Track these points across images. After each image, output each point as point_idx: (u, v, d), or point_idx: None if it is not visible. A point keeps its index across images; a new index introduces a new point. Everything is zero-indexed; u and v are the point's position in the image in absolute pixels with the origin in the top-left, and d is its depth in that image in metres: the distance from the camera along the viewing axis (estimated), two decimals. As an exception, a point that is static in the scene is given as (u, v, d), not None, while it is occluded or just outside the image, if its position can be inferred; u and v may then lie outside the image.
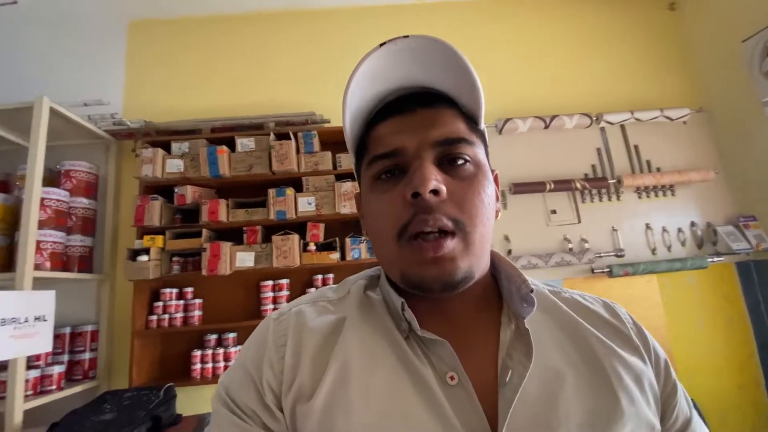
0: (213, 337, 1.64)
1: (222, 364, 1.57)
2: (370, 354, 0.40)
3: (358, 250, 1.63)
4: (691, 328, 1.79)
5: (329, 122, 1.81)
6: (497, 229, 1.82)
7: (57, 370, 1.43)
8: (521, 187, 1.79)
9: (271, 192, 1.62)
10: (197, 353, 1.57)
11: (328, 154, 1.71)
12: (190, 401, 1.51)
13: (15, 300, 1.25)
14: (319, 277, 1.71)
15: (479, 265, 0.41)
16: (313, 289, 1.67)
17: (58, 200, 1.52)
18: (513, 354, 0.40)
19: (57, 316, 1.36)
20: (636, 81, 2.07)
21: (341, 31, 2.06)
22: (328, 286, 0.52)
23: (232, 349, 1.60)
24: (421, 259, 0.38)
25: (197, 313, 1.63)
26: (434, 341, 0.40)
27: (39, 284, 1.35)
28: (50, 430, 1.20)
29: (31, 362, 1.39)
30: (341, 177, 1.70)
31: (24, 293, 1.29)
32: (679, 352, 1.75)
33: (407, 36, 0.40)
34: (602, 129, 1.96)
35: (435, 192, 0.38)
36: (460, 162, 0.41)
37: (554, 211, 1.85)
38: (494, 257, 0.47)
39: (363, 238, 1.64)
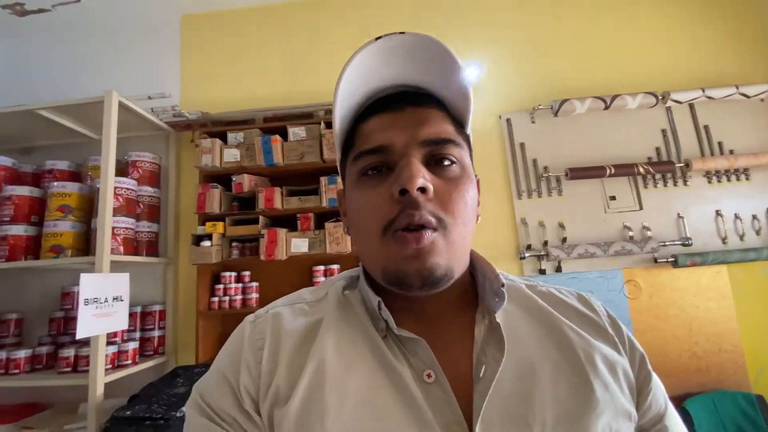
0: (269, 319, 1.71)
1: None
2: (346, 355, 0.41)
3: (408, 237, 1.63)
4: (764, 321, 1.66)
5: (377, 109, 1.80)
6: (552, 215, 1.76)
7: (131, 346, 1.55)
8: (578, 172, 1.71)
9: (323, 180, 1.65)
10: (256, 334, 1.64)
11: (378, 140, 1.71)
12: (251, 379, 1.60)
13: (96, 282, 1.36)
14: (369, 263, 1.73)
15: (459, 265, 0.41)
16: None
17: (128, 189, 1.62)
18: (486, 349, 0.41)
19: (129, 296, 1.47)
20: (707, 55, 1.90)
21: (390, 18, 2.03)
22: (305, 288, 0.51)
23: (288, 332, 1.67)
24: (403, 254, 0.38)
25: (254, 295, 1.70)
26: (411, 339, 0.40)
27: (114, 267, 1.45)
28: (131, 400, 1.31)
29: (109, 339, 1.50)
30: (391, 164, 1.69)
31: (103, 275, 1.39)
32: (750, 346, 1.64)
33: (403, 32, 0.40)
34: (668, 108, 1.83)
35: (422, 190, 0.38)
36: (447, 163, 0.41)
37: (613, 197, 1.75)
38: (472, 256, 0.48)
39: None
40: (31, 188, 1.60)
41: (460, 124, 0.45)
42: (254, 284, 1.72)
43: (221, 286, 1.68)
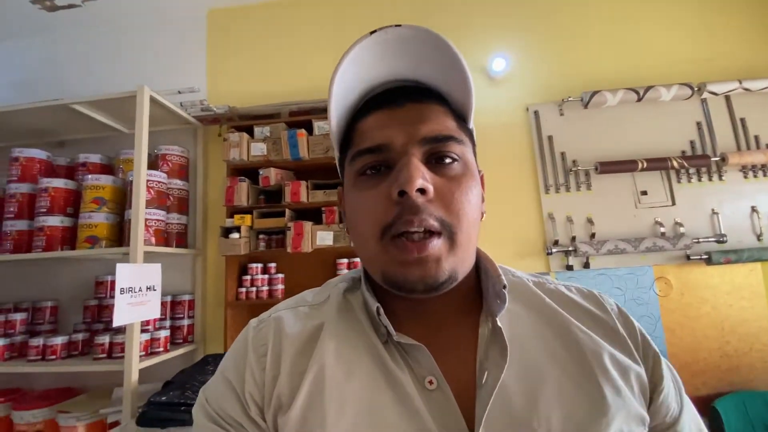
0: (295, 310, 1.73)
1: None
2: (346, 361, 0.40)
3: (434, 231, 1.63)
4: (798, 321, 1.61)
5: (402, 102, 1.79)
6: (580, 209, 1.73)
7: (163, 334, 1.59)
8: (609, 166, 1.67)
9: (348, 173, 1.65)
10: (282, 325, 1.67)
11: (403, 134, 1.70)
12: (278, 369, 1.63)
13: (131, 272, 1.40)
14: (393, 256, 1.73)
15: (463, 267, 0.40)
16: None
17: (159, 182, 1.65)
18: (489, 354, 0.39)
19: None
20: (745, 45, 1.83)
21: (415, 10, 2.00)
22: (309, 290, 0.51)
23: (313, 323, 1.68)
24: (404, 260, 0.37)
25: (280, 287, 1.73)
26: (412, 346, 0.39)
27: (146, 258, 1.49)
28: (165, 385, 1.34)
29: (143, 327, 1.54)
30: (416, 157, 1.68)
31: (138, 266, 1.43)
32: (783, 346, 1.60)
33: (399, 25, 0.39)
34: (704, 101, 1.77)
35: (422, 191, 0.37)
36: (448, 160, 0.40)
37: (645, 192, 1.71)
38: (478, 255, 0.46)
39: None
40: (65, 180, 1.65)
41: (462, 119, 0.44)
42: (280, 276, 1.74)
43: (248, 277, 1.71)
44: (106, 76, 2.11)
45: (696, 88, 1.71)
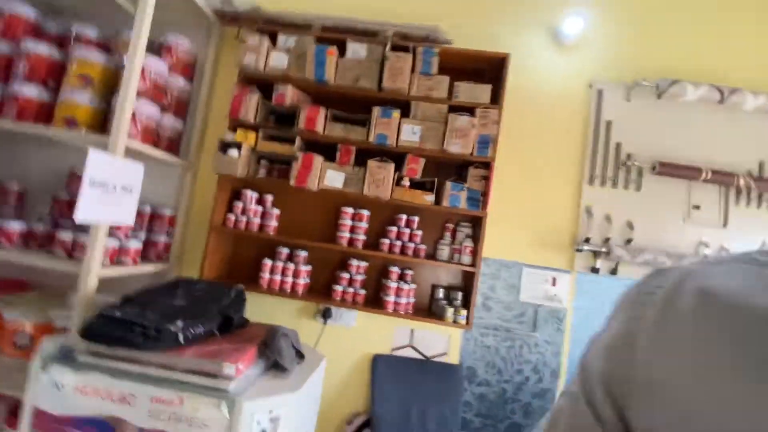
0: (285, 250, 1.56)
1: (290, 279, 1.50)
2: None
3: (457, 197, 1.43)
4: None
5: (451, 43, 1.55)
6: (622, 210, 1.54)
7: (134, 245, 1.42)
8: (669, 169, 1.47)
9: (376, 111, 1.44)
10: (268, 262, 1.51)
11: (446, 80, 1.47)
12: (255, 308, 1.46)
13: (106, 163, 1.20)
14: (404, 216, 1.54)
15: None
16: (393, 228, 1.52)
17: (157, 72, 1.42)
18: None
19: (140, 193, 1.32)
20: None
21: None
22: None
23: (302, 267, 1.51)
24: None
25: (273, 223, 1.55)
26: None
27: (128, 155, 1.29)
28: (124, 300, 1.18)
29: (112, 232, 1.37)
30: (456, 109, 1.46)
31: (116, 159, 1.23)
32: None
33: None
34: (792, 119, 1.55)
35: None
36: None
37: (697, 207, 1.52)
38: None
39: (465, 185, 1.43)
40: (51, 48, 1.42)
41: None
42: (275, 211, 1.56)
43: (240, 204, 1.53)
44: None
45: (787, 103, 1.49)
